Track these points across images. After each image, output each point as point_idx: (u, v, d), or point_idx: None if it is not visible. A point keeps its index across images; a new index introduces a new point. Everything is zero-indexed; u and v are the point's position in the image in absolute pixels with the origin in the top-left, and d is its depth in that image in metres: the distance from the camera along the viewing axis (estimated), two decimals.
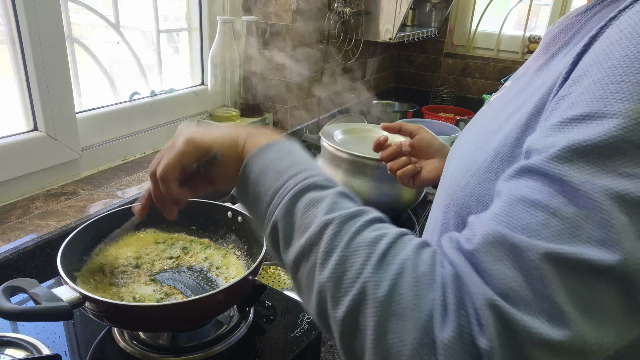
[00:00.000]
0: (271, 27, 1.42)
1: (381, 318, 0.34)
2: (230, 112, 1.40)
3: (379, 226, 0.40)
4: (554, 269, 0.31)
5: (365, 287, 0.36)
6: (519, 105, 0.47)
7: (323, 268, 0.39)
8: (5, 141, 0.91)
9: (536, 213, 0.33)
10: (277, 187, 0.45)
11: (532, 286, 0.31)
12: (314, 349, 0.73)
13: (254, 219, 0.49)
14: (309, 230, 0.41)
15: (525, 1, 2.07)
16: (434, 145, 0.84)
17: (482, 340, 0.31)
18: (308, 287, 0.40)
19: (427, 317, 0.33)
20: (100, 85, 1.16)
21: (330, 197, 0.43)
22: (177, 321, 0.60)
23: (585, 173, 0.32)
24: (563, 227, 0.32)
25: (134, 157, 1.21)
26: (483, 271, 0.33)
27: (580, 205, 0.32)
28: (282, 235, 0.43)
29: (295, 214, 0.43)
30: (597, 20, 0.45)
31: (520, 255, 0.32)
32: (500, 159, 0.45)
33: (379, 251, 0.37)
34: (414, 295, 0.34)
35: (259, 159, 0.47)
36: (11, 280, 0.56)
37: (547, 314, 0.31)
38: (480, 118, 0.60)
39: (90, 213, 0.92)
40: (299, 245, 0.41)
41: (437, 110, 2.11)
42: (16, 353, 0.62)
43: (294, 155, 0.48)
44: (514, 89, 0.53)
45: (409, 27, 2.05)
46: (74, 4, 1.05)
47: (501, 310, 0.31)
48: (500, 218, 0.35)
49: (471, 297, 0.33)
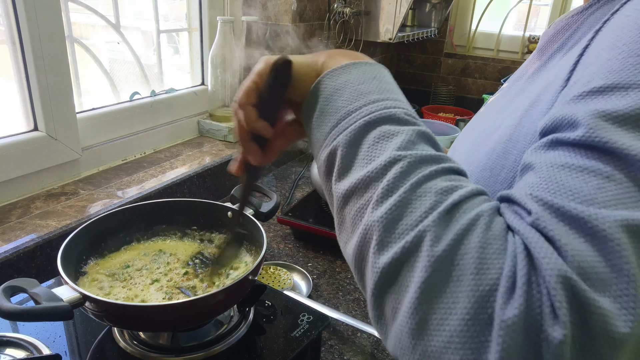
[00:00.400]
0: (271, 27, 1.42)
1: (432, 276, 0.29)
2: (230, 112, 1.40)
3: (455, 177, 0.35)
4: (631, 239, 0.27)
5: (422, 236, 0.30)
6: (516, 108, 0.47)
7: (377, 206, 0.33)
8: (6, 141, 0.91)
9: (586, 178, 0.29)
10: (350, 110, 0.39)
11: (611, 262, 0.27)
12: (314, 349, 0.73)
13: (309, 143, 0.43)
14: (372, 162, 0.35)
15: (525, 1, 2.07)
16: None
17: (553, 327, 0.26)
18: (353, 225, 0.35)
19: (488, 288, 0.28)
20: (101, 85, 1.16)
21: (408, 133, 0.37)
22: (177, 321, 0.60)
23: (628, 138, 0.29)
24: (622, 192, 0.28)
25: (134, 157, 1.21)
26: (554, 242, 0.28)
27: (634, 168, 0.29)
28: (339, 163, 0.38)
29: (362, 144, 0.37)
30: (594, 19, 0.45)
31: (588, 227, 0.28)
32: (496, 156, 0.45)
33: (449, 201, 0.32)
34: (478, 258, 0.29)
35: (338, 76, 0.41)
36: (11, 280, 0.56)
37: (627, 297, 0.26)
38: (478, 121, 0.60)
39: (90, 213, 0.92)
40: (357, 178, 0.36)
41: (437, 110, 2.11)
42: (16, 353, 0.62)
43: (380, 82, 0.41)
44: (511, 93, 0.53)
45: (409, 27, 2.05)
46: (74, 4, 1.05)
47: (578, 291, 0.26)
48: (544, 186, 0.30)
49: (543, 272, 0.28)
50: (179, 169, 1.16)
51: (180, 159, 1.23)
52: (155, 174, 1.12)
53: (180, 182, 1.10)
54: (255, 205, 0.78)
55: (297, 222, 1.06)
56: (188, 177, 1.13)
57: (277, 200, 0.80)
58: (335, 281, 0.95)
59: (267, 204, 0.80)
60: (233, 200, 0.80)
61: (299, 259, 1.02)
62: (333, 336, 0.80)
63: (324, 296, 0.90)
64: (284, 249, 1.06)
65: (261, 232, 0.70)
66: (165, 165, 1.18)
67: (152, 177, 1.11)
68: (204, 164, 1.20)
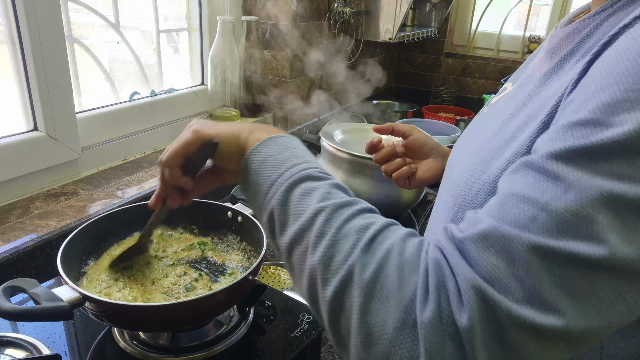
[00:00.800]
0: (271, 27, 1.42)
1: (366, 299, 0.36)
2: (230, 112, 1.40)
3: (369, 215, 0.42)
4: (539, 260, 0.32)
5: (352, 269, 0.38)
6: (531, 114, 0.46)
7: (314, 251, 0.40)
8: (5, 141, 0.91)
9: (526, 207, 0.34)
10: (274, 178, 0.47)
11: (516, 274, 0.33)
12: (314, 349, 0.73)
13: (254, 210, 0.51)
14: (302, 216, 0.43)
15: (525, 1, 2.07)
16: (428, 145, 0.83)
17: (462, 318, 0.33)
18: (300, 270, 0.42)
19: (409, 299, 0.35)
20: (100, 85, 1.16)
21: (324, 187, 0.45)
22: (177, 321, 0.60)
23: (579, 172, 0.33)
24: (551, 222, 0.33)
25: (134, 157, 1.21)
26: (470, 258, 0.35)
27: (569, 201, 0.32)
28: (277, 222, 0.45)
29: (290, 202, 0.45)
30: (608, 25, 0.44)
31: (508, 246, 0.34)
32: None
33: (367, 236, 0.39)
34: (398, 278, 0.36)
35: (260, 152, 0.50)
36: (11, 280, 0.56)
37: (529, 301, 0.32)
38: (483, 122, 0.59)
39: (90, 213, 0.92)
40: (293, 231, 0.43)
41: (437, 110, 2.11)
42: (16, 353, 0.62)
43: (293, 149, 0.50)
44: (522, 93, 0.52)
45: (409, 27, 2.06)
46: (74, 4, 1.05)
47: (484, 292, 0.33)
48: (494, 212, 0.36)
49: (454, 278, 0.35)
50: None
51: None
52: (155, 174, 1.12)
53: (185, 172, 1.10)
54: None
55: None
56: None
57: None
58: None
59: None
60: (233, 200, 0.80)
61: None
62: None
63: None
64: None
65: (261, 232, 0.70)
66: None
67: (152, 177, 1.11)
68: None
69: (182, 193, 0.58)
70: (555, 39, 0.51)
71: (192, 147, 0.54)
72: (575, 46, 0.47)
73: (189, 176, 0.56)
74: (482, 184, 0.47)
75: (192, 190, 0.58)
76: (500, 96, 0.60)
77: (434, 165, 0.82)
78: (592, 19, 0.46)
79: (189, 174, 0.56)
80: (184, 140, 0.54)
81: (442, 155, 0.82)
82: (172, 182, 0.56)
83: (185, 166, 0.55)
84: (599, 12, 0.45)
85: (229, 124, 0.55)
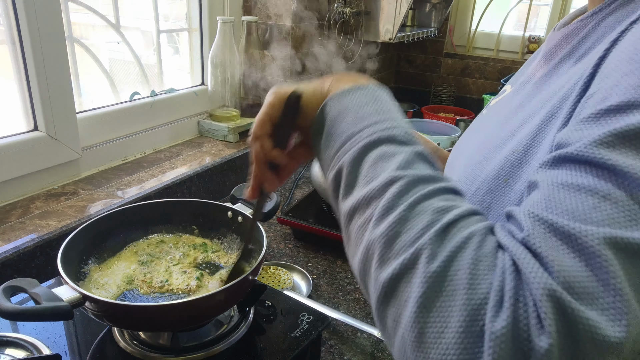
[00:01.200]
0: (271, 27, 1.42)
1: (428, 291, 0.31)
2: (230, 112, 1.40)
3: (451, 197, 0.37)
4: (617, 255, 0.29)
5: (419, 254, 0.33)
6: (529, 114, 0.46)
7: (378, 224, 0.36)
8: (5, 141, 0.91)
9: (584, 197, 0.31)
10: (353, 132, 0.42)
11: (598, 277, 0.29)
12: (314, 349, 0.73)
13: (320, 164, 0.47)
14: (373, 182, 0.38)
15: (525, 1, 2.07)
16: None
17: (540, 337, 0.28)
18: (357, 241, 0.38)
19: (479, 302, 0.30)
20: (100, 85, 1.16)
21: (407, 154, 0.39)
22: (177, 321, 0.60)
23: (632, 157, 0.30)
24: (617, 211, 0.30)
25: (134, 157, 1.21)
26: (542, 259, 0.30)
27: (631, 188, 0.30)
28: (344, 182, 0.41)
29: (363, 163, 0.40)
30: (607, 26, 0.44)
31: (578, 243, 0.29)
32: (510, 165, 0.44)
33: (444, 220, 0.34)
34: (470, 274, 0.31)
35: (341, 100, 0.45)
36: (11, 280, 0.56)
37: (613, 309, 0.28)
38: (483, 123, 0.59)
39: (90, 213, 0.92)
40: (359, 196, 0.38)
41: (437, 110, 2.11)
42: (16, 353, 0.62)
43: (380, 103, 0.44)
44: (520, 95, 0.52)
45: (409, 27, 2.05)
46: (74, 4, 1.05)
47: (563, 303, 0.28)
48: (543, 204, 0.32)
49: (530, 286, 0.30)
50: (179, 169, 1.16)
51: (180, 159, 1.23)
52: (155, 174, 1.12)
53: (180, 182, 1.10)
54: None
55: (297, 222, 1.06)
56: (188, 177, 1.13)
57: (277, 200, 0.80)
58: (335, 281, 0.95)
59: (267, 204, 0.80)
60: (233, 200, 0.80)
61: (299, 259, 1.02)
62: (333, 336, 0.80)
63: (324, 296, 0.90)
64: (284, 249, 1.06)
65: (261, 232, 0.70)
66: (165, 165, 1.18)
67: (152, 177, 1.11)
68: (204, 164, 1.20)
69: (277, 172, 0.53)
70: (553, 41, 0.51)
71: (275, 108, 0.49)
72: (573, 47, 0.47)
73: (281, 149, 0.51)
74: (480, 182, 0.47)
75: (286, 168, 0.53)
76: (499, 98, 0.61)
77: None
78: (589, 20, 0.46)
79: (279, 146, 0.51)
80: (266, 104, 0.49)
81: (443, 160, 0.82)
82: (265, 156, 0.50)
83: (274, 135, 0.50)
84: (596, 12, 0.45)
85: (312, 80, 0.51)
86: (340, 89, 0.46)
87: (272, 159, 0.51)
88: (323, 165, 0.46)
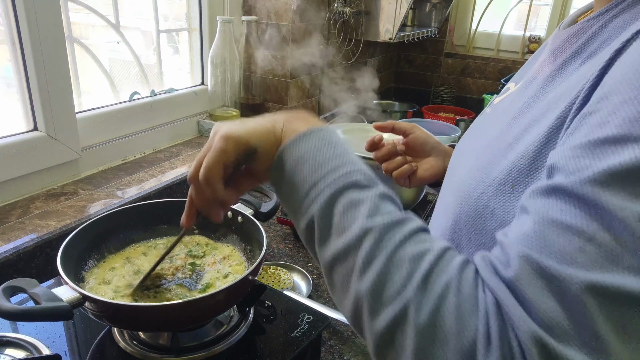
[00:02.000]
0: (271, 27, 1.42)
1: (422, 342, 0.34)
2: (230, 112, 1.40)
3: (422, 238, 0.39)
4: (595, 300, 0.31)
5: (407, 307, 0.35)
6: (536, 117, 0.45)
7: (362, 277, 0.38)
8: (5, 141, 0.91)
9: (571, 238, 0.32)
10: (315, 180, 0.43)
11: (575, 318, 0.31)
12: (314, 349, 0.73)
13: (287, 210, 0.47)
14: (347, 233, 0.40)
15: (525, 1, 2.07)
16: (429, 143, 0.82)
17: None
18: (343, 290, 0.40)
19: (469, 346, 0.33)
20: (100, 85, 1.16)
21: (371, 199, 0.41)
22: (177, 321, 0.60)
23: (621, 198, 0.31)
24: (600, 254, 0.31)
25: (134, 157, 1.21)
26: (525, 301, 0.33)
27: (616, 231, 0.31)
28: (318, 232, 0.42)
29: (333, 214, 0.41)
30: (615, 28, 0.43)
31: (561, 286, 0.32)
32: (518, 172, 0.44)
33: (422, 270, 0.36)
34: (456, 320, 0.34)
35: (296, 147, 0.45)
36: (11, 280, 0.56)
37: (590, 347, 0.31)
38: (487, 123, 0.58)
39: (90, 213, 0.92)
40: (336, 247, 0.40)
41: (437, 110, 2.11)
42: (16, 353, 0.62)
43: (335, 147, 0.45)
44: (526, 94, 0.51)
45: (409, 27, 2.05)
46: (74, 4, 1.05)
47: (546, 344, 0.31)
48: (533, 241, 0.34)
49: (514, 328, 0.33)
50: (179, 169, 1.16)
51: (180, 159, 1.23)
52: (155, 174, 1.12)
53: (180, 182, 1.10)
54: (255, 205, 0.78)
55: None
56: None
57: (277, 200, 0.80)
58: None
59: (267, 204, 0.80)
60: None
61: (299, 259, 1.02)
62: (333, 336, 0.80)
63: (324, 296, 0.90)
64: (284, 249, 1.06)
65: (261, 232, 0.70)
66: (165, 165, 1.18)
67: (151, 177, 1.11)
68: None
69: (222, 204, 0.53)
70: (559, 40, 0.50)
71: (229, 155, 0.48)
72: (579, 47, 0.46)
73: (228, 187, 0.51)
74: (486, 186, 0.46)
75: (231, 199, 0.54)
76: (503, 97, 0.60)
77: (434, 163, 0.82)
78: (596, 20, 0.45)
79: (228, 186, 0.51)
80: (219, 150, 0.47)
81: (443, 154, 0.82)
82: (215, 198, 0.50)
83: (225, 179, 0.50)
84: (603, 12, 0.45)
85: (256, 119, 0.49)
86: (295, 134, 0.46)
87: (222, 200, 0.51)
88: (289, 212, 0.47)
